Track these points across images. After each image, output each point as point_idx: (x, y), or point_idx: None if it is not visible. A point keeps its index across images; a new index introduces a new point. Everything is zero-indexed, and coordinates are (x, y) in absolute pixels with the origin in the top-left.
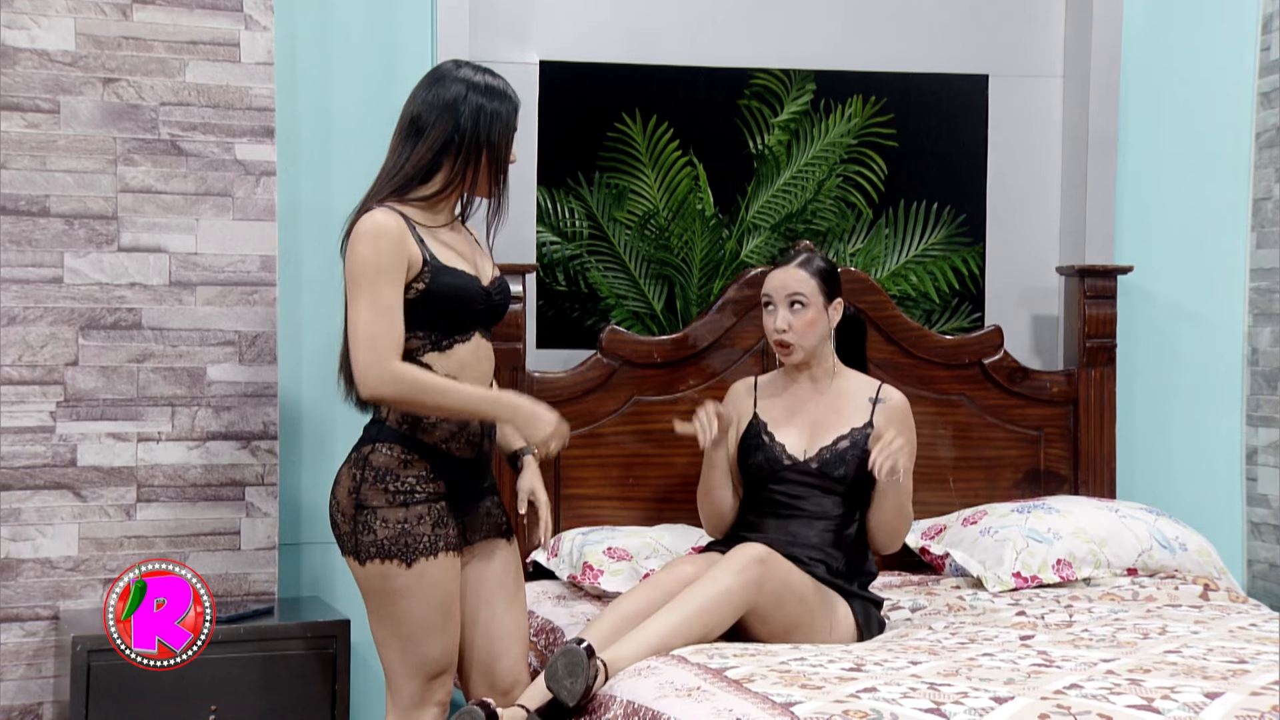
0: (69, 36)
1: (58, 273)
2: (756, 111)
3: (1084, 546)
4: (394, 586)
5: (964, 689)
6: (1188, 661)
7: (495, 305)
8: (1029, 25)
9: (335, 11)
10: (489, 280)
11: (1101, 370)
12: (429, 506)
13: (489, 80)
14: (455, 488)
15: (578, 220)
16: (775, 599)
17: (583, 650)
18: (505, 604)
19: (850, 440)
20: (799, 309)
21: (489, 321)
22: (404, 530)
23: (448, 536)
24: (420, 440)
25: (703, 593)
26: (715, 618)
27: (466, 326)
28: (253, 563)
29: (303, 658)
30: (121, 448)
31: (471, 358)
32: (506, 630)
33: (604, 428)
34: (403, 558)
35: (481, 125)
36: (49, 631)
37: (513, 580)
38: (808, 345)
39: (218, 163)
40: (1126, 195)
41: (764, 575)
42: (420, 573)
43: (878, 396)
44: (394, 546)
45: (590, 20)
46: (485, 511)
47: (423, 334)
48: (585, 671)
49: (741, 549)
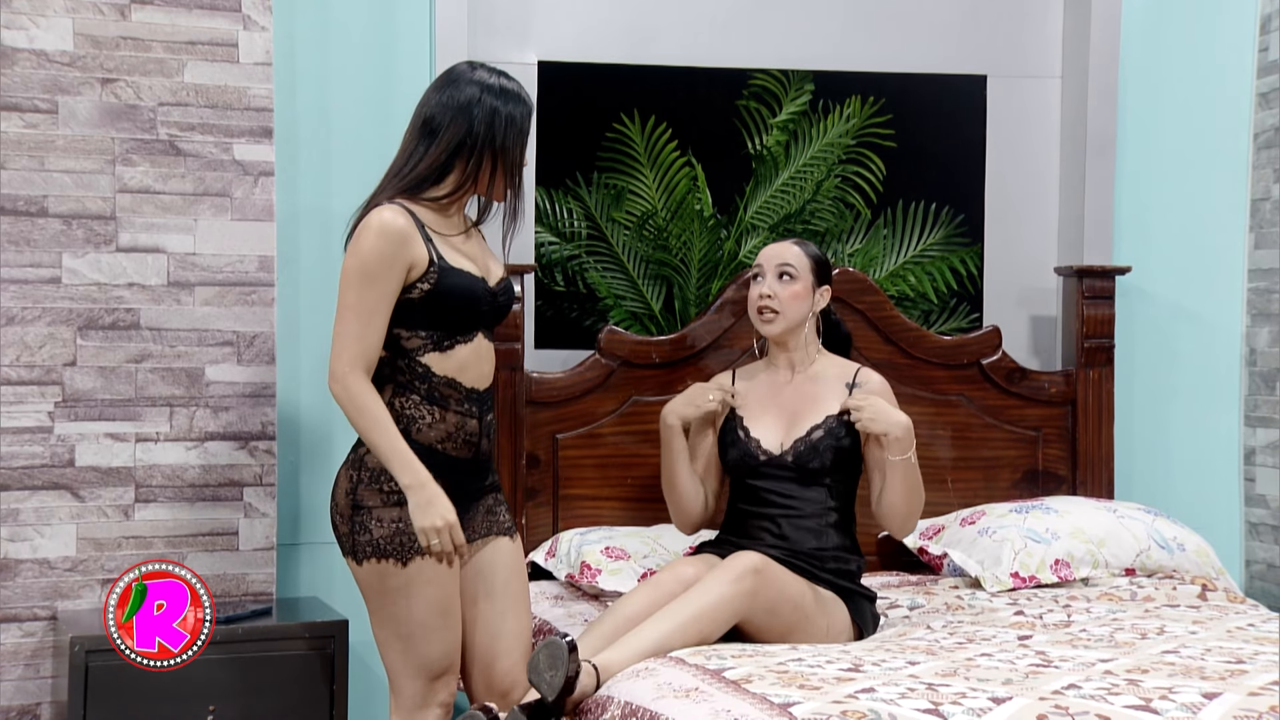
0: (67, 37)
1: (56, 273)
2: (755, 112)
3: (1082, 547)
4: (391, 586)
5: (962, 689)
6: (1186, 662)
7: (500, 306)
8: (1027, 26)
9: (334, 12)
10: (495, 281)
11: (1100, 371)
12: None
13: (503, 83)
14: (453, 487)
15: (576, 220)
16: (770, 608)
17: (565, 643)
18: (507, 604)
19: (825, 429)
20: (787, 280)
21: (492, 322)
22: (399, 529)
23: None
24: (414, 441)
25: (697, 600)
26: (710, 625)
27: (470, 327)
28: (251, 563)
29: (301, 658)
30: (120, 448)
31: (472, 358)
32: (508, 630)
33: (602, 428)
34: (398, 556)
35: (496, 129)
36: (47, 632)
37: (515, 579)
38: (790, 316)
39: (216, 163)
40: (1125, 196)
41: (759, 585)
42: (416, 571)
43: (854, 380)
44: (389, 545)
45: (589, 20)
46: (487, 509)
47: (425, 334)
48: (565, 664)
49: (737, 558)
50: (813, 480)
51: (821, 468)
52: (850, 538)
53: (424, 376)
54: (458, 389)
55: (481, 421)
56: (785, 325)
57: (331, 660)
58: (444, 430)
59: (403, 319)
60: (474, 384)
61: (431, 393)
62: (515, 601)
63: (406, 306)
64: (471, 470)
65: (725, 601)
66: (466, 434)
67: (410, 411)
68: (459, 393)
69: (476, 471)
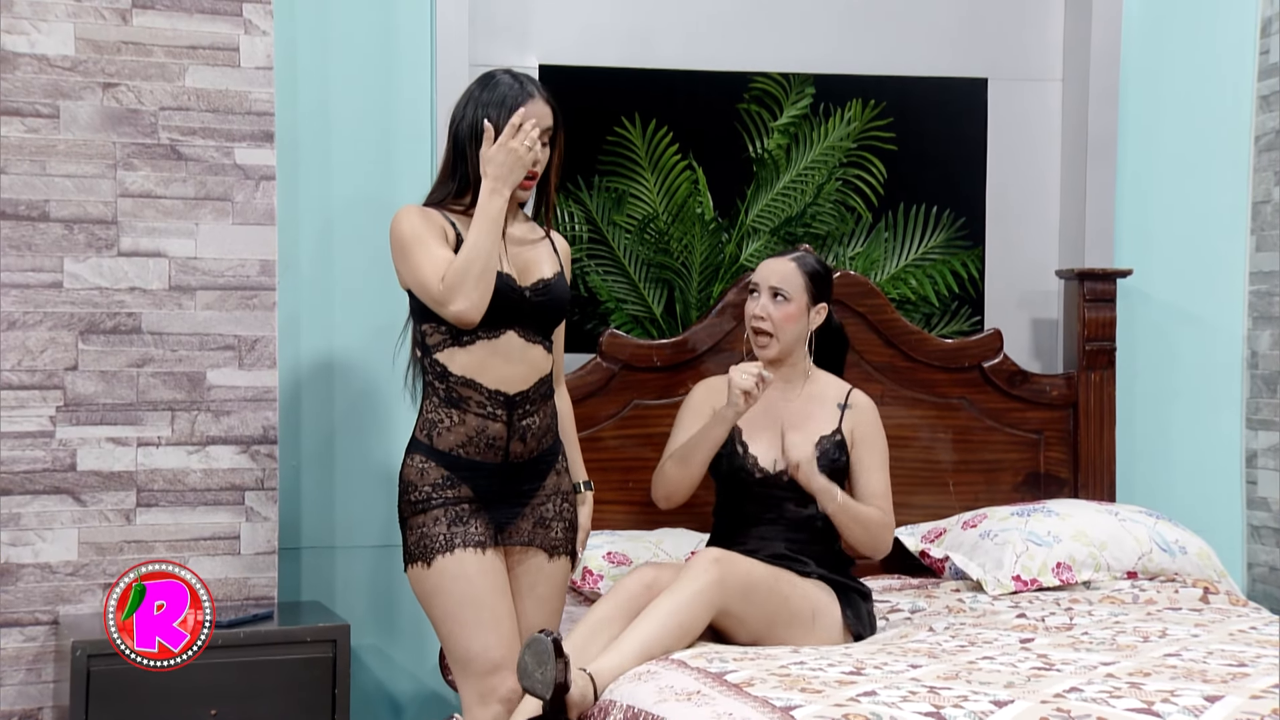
0: (68, 41)
1: (57, 277)
2: (756, 115)
3: (1084, 550)
4: (425, 589)
5: (964, 692)
6: (1188, 665)
7: (536, 305)
8: (1028, 29)
9: (335, 16)
10: (532, 281)
11: (1101, 373)
12: (445, 509)
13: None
14: (486, 492)
15: (577, 224)
16: (742, 594)
17: (549, 640)
18: (541, 618)
19: (819, 450)
20: (781, 301)
21: (531, 323)
22: (422, 534)
23: (466, 534)
24: (435, 448)
25: (671, 600)
26: (688, 619)
27: (496, 324)
28: (252, 567)
29: (303, 662)
30: (121, 452)
31: (496, 357)
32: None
33: (603, 431)
34: (424, 559)
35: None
36: (48, 636)
37: (555, 598)
38: (783, 340)
39: (217, 167)
40: (1126, 198)
41: (723, 572)
42: (440, 570)
43: (846, 402)
44: (416, 550)
45: (589, 24)
46: (540, 520)
47: (446, 327)
48: (552, 659)
49: (700, 553)
50: (804, 497)
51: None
52: (833, 534)
53: (442, 376)
54: (477, 390)
55: (511, 425)
56: (780, 350)
57: (333, 665)
58: (463, 434)
59: (427, 312)
60: (499, 385)
61: (450, 394)
62: (542, 608)
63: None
64: (506, 474)
65: (697, 594)
66: (489, 438)
67: (431, 415)
68: (479, 394)
69: (513, 477)
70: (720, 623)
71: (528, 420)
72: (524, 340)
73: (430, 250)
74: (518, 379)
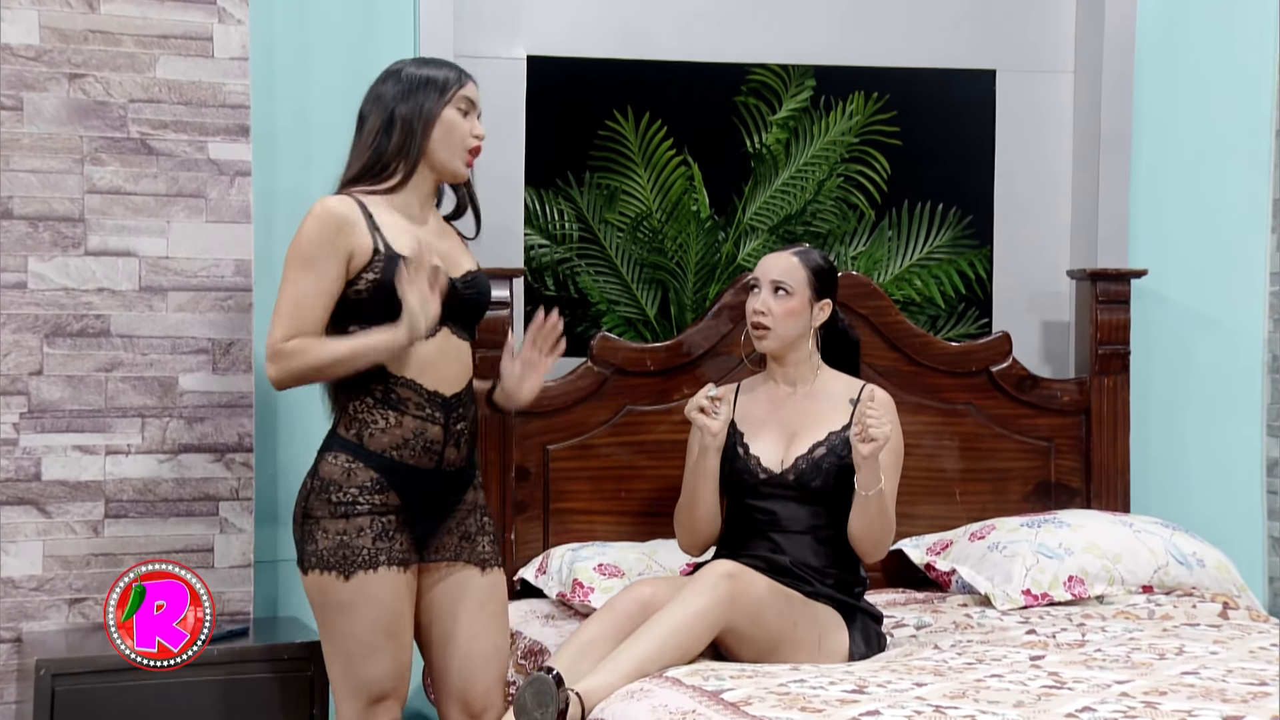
0: (33, 30)
1: (21, 278)
2: (754, 109)
3: (1097, 562)
4: (333, 600)
5: (971, 712)
6: (1206, 683)
7: (465, 299)
8: (1038, 18)
9: (313, 4)
10: (459, 274)
11: (1114, 378)
12: (372, 519)
13: (423, 61)
14: (413, 501)
15: (567, 222)
16: (750, 615)
17: (551, 679)
18: (482, 625)
19: (827, 447)
20: (782, 295)
21: (461, 318)
22: (343, 542)
23: (392, 550)
24: (366, 448)
25: (674, 615)
26: (690, 638)
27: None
28: (227, 581)
29: (279, 680)
30: (88, 461)
31: (437, 357)
32: (483, 654)
33: (595, 438)
34: (340, 570)
35: (413, 91)
36: (11, 655)
37: (492, 602)
38: (783, 334)
39: (190, 162)
40: (1140, 196)
41: (736, 591)
42: (359, 586)
43: (859, 397)
44: (332, 558)
45: (580, 14)
46: (464, 535)
47: (379, 328)
48: (554, 700)
49: (710, 566)
50: (813, 499)
51: (823, 486)
52: (852, 556)
53: (379, 377)
54: (417, 391)
55: (448, 429)
56: (778, 343)
57: (311, 682)
58: (399, 436)
59: (355, 314)
60: (437, 387)
61: (388, 395)
62: (491, 622)
63: (356, 300)
64: (437, 482)
65: (704, 612)
66: (426, 441)
67: (363, 415)
68: (418, 395)
69: (443, 485)
70: (723, 640)
71: (460, 425)
72: (457, 338)
73: (306, 285)
74: (454, 379)
